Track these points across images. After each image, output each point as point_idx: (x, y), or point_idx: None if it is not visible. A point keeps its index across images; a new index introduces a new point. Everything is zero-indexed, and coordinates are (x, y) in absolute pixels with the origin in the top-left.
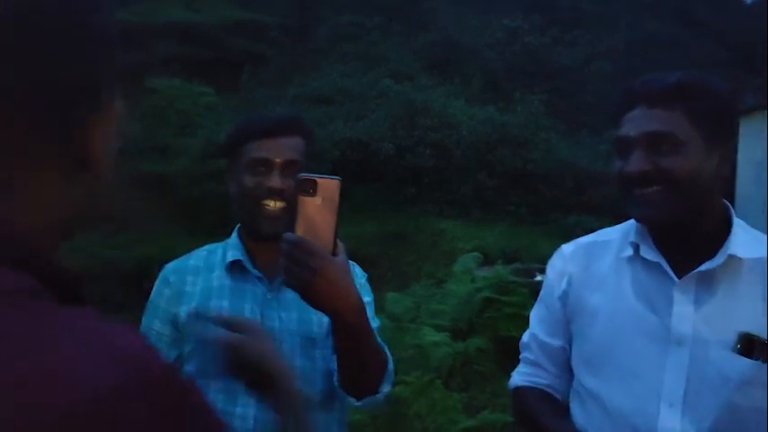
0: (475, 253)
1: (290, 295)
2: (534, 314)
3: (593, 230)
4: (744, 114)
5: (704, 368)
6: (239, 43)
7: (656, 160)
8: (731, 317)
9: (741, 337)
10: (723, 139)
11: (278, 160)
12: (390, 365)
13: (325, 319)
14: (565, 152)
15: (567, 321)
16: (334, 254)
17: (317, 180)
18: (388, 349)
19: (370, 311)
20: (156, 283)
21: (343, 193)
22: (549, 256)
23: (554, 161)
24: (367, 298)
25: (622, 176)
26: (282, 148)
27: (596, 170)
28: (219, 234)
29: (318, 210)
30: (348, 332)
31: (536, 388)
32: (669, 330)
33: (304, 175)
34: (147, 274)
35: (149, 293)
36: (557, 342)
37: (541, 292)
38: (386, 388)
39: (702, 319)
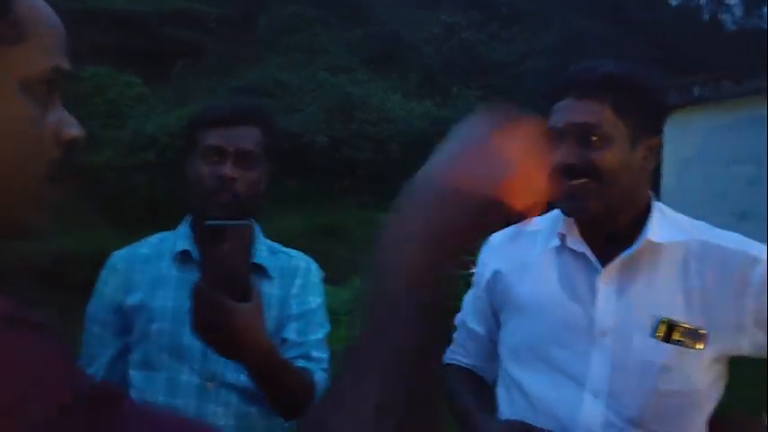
0: None
1: None
2: (466, 298)
3: None
4: (669, 112)
5: (627, 356)
6: (176, 33)
7: (584, 153)
8: (652, 303)
9: (662, 323)
10: (650, 132)
11: (231, 149)
12: (319, 386)
13: (275, 314)
14: None
15: (494, 311)
16: (246, 299)
17: (225, 228)
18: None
19: (320, 315)
20: (103, 270)
21: (277, 186)
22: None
23: None
24: (318, 299)
25: (552, 168)
26: (237, 138)
27: None
28: (147, 228)
29: (228, 257)
30: (257, 375)
31: (461, 366)
32: (593, 321)
33: (210, 223)
34: (66, 267)
35: (69, 287)
36: (481, 330)
37: (473, 279)
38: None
39: (625, 308)
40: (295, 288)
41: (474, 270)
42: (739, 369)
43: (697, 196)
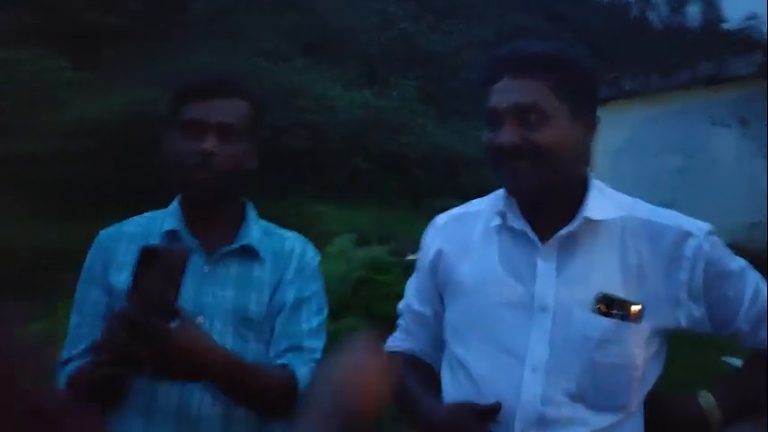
0: (350, 234)
1: (230, 270)
2: (410, 283)
3: None
4: (600, 105)
5: (567, 331)
6: (104, 17)
7: (525, 133)
8: (590, 279)
9: (600, 298)
10: (587, 109)
11: (212, 122)
12: (302, 386)
13: (266, 299)
14: (438, 137)
15: (438, 291)
16: (172, 321)
17: (158, 251)
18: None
19: (316, 302)
20: (91, 249)
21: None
22: (421, 238)
23: (427, 145)
24: (313, 286)
25: (493, 149)
26: (218, 110)
27: (468, 155)
28: (84, 219)
29: (159, 280)
30: (220, 387)
31: (405, 353)
32: (533, 298)
33: (147, 245)
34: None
35: (4, 280)
36: (427, 311)
37: (417, 262)
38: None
39: (564, 284)
40: (289, 273)
41: (410, 257)
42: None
43: (628, 185)
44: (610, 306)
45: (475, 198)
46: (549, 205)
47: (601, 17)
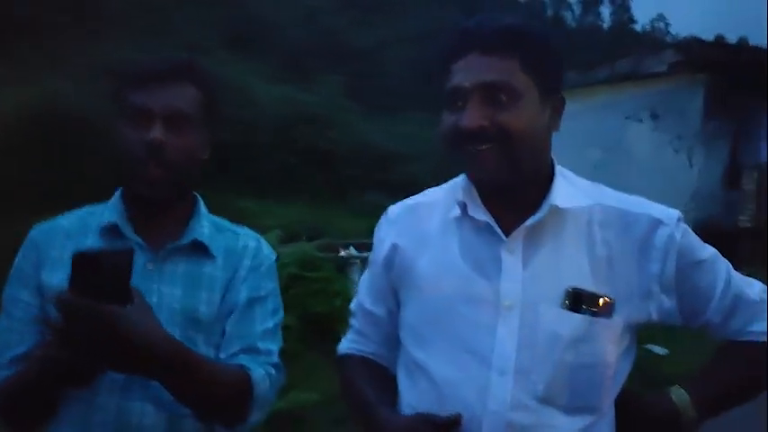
0: (276, 230)
1: (178, 268)
2: (362, 280)
3: None
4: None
5: (535, 330)
6: (18, 9)
7: (493, 114)
8: (558, 272)
9: (569, 293)
10: (554, 91)
11: (160, 110)
12: (259, 390)
13: (217, 299)
14: (363, 132)
15: (393, 289)
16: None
17: (97, 257)
18: None
19: (272, 302)
20: (22, 246)
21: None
22: (350, 232)
23: (353, 141)
24: (269, 284)
25: (456, 132)
26: (167, 97)
27: (395, 150)
28: None
29: (101, 292)
30: (164, 381)
31: (358, 356)
32: (498, 294)
33: (81, 251)
34: None
35: None
36: (380, 310)
37: (369, 257)
38: (255, 416)
39: (531, 278)
40: (243, 270)
41: (342, 253)
42: None
43: None
44: (580, 301)
45: (402, 193)
46: (514, 194)
47: (519, 14)
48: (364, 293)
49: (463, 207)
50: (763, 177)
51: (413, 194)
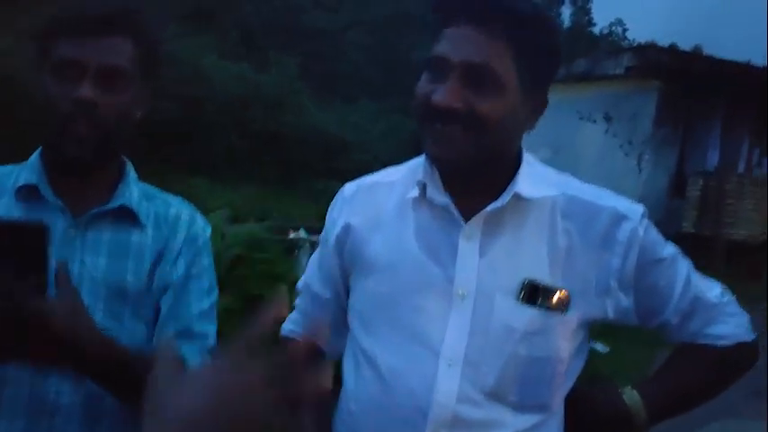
0: (224, 210)
1: (102, 235)
2: (311, 260)
3: None
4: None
5: (488, 321)
6: None
7: (470, 97)
8: (516, 263)
9: (525, 285)
10: (542, 85)
11: (92, 64)
12: None
13: (146, 269)
14: (317, 117)
15: (343, 271)
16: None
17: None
18: None
19: (207, 279)
20: None
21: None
22: (298, 218)
23: (306, 125)
24: (204, 260)
25: (427, 104)
26: (100, 50)
27: (346, 138)
28: None
29: (12, 271)
30: (92, 375)
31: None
32: (452, 282)
33: None
34: None
35: None
36: (328, 293)
37: (320, 236)
38: None
39: (487, 268)
40: (176, 243)
41: (292, 235)
42: None
43: None
44: (536, 294)
45: (351, 181)
46: (475, 179)
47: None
48: (312, 274)
49: (423, 188)
50: (708, 185)
51: None
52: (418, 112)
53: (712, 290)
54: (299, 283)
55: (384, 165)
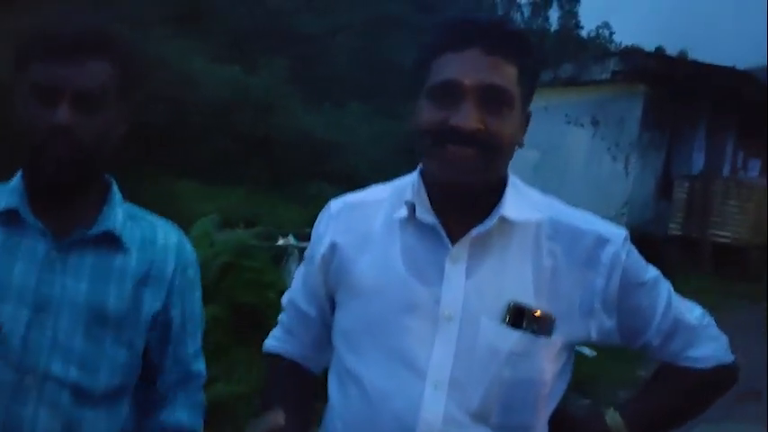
0: (213, 215)
1: (85, 259)
2: (297, 276)
3: (331, 200)
4: None
5: (474, 343)
6: None
7: (486, 119)
8: (502, 285)
9: (510, 308)
10: (529, 101)
11: (68, 89)
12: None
13: (128, 293)
14: (306, 121)
15: (328, 290)
16: None
17: None
18: None
19: (199, 311)
20: None
21: None
22: (288, 222)
23: (295, 129)
24: (196, 292)
25: (445, 129)
26: (75, 73)
27: (335, 141)
28: None
29: None
30: None
31: (284, 357)
32: (438, 303)
33: None
34: None
35: None
36: (313, 311)
37: (306, 253)
38: None
39: (473, 290)
40: (165, 271)
41: (281, 242)
42: None
43: None
44: (521, 317)
45: (342, 184)
46: (464, 201)
47: (472, 8)
48: (297, 290)
49: (411, 208)
50: (694, 188)
51: (352, 186)
52: (429, 136)
53: (692, 312)
54: (284, 299)
55: (374, 167)
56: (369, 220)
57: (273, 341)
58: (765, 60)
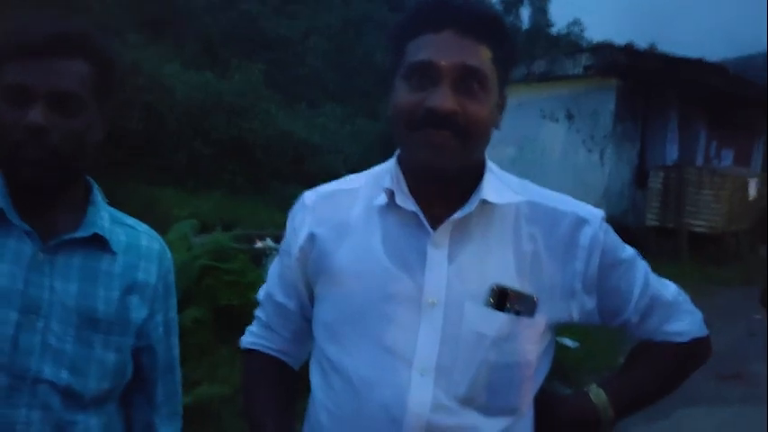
0: (191, 219)
1: (73, 261)
2: (272, 270)
3: None
4: None
5: (458, 328)
6: None
7: (463, 101)
8: (484, 269)
9: (494, 290)
10: (506, 84)
11: (41, 88)
12: None
13: (115, 297)
14: (283, 123)
15: (307, 282)
16: None
17: None
18: None
19: (175, 316)
20: None
21: None
22: (267, 224)
23: (272, 131)
24: (174, 300)
25: (421, 111)
26: (50, 74)
27: (313, 142)
28: None
29: None
30: None
31: (264, 353)
32: (422, 290)
33: None
34: None
35: None
36: (292, 304)
37: (281, 246)
38: None
39: (456, 274)
40: (150, 278)
41: (258, 244)
42: None
43: None
44: (504, 299)
45: (320, 185)
46: (443, 186)
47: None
48: (274, 284)
49: (390, 195)
50: (669, 178)
51: None
52: (404, 120)
53: (668, 288)
54: (260, 294)
55: (353, 167)
56: (345, 209)
57: (251, 337)
58: (734, 52)
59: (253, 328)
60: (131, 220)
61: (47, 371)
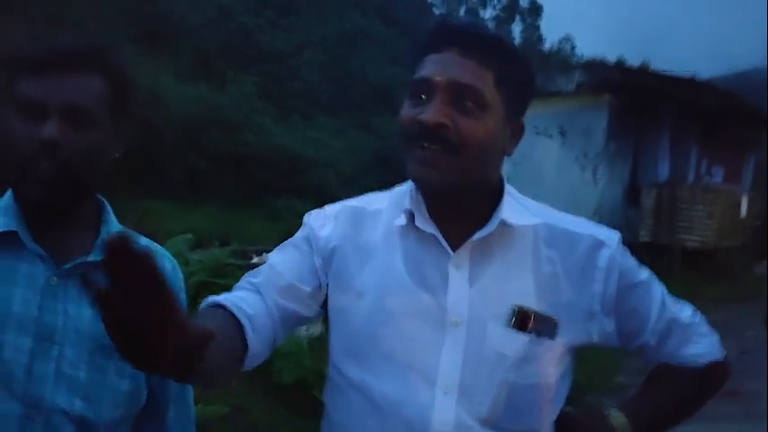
0: (187, 235)
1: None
2: (276, 255)
3: (303, 214)
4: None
5: (481, 348)
6: None
7: (455, 117)
8: (505, 290)
9: (515, 312)
10: (518, 114)
11: (56, 104)
12: None
13: None
14: (277, 136)
15: (322, 274)
16: None
17: None
18: None
19: None
20: None
21: None
22: (262, 237)
23: (266, 144)
24: None
25: (413, 125)
26: (66, 89)
27: (308, 155)
28: None
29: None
30: None
31: (229, 311)
32: (445, 310)
33: None
34: None
35: None
36: (307, 287)
37: (289, 240)
38: None
39: (478, 294)
40: None
41: (255, 260)
42: None
43: None
44: (526, 320)
45: (314, 198)
46: (460, 207)
47: (432, 21)
48: (286, 269)
49: (410, 216)
50: (661, 194)
51: (323, 200)
52: (402, 135)
53: (684, 311)
54: (258, 279)
55: (344, 181)
56: (369, 230)
57: (220, 297)
58: (726, 68)
59: (227, 293)
60: (144, 240)
61: (60, 400)
